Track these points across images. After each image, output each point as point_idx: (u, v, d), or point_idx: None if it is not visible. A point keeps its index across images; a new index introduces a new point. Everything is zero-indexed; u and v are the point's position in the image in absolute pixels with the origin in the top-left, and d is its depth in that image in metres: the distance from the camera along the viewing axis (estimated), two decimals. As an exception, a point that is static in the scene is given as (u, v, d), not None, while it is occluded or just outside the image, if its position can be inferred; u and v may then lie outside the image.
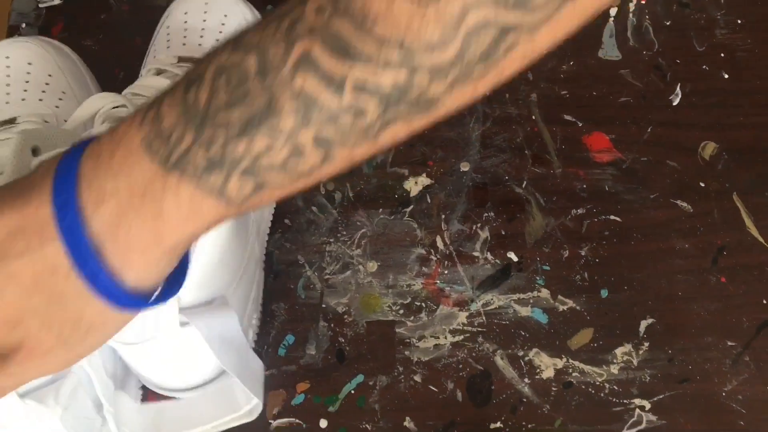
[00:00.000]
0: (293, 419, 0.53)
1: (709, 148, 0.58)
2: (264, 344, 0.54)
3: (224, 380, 0.49)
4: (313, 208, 0.58)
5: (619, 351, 0.53)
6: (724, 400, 0.52)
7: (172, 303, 0.42)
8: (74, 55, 0.60)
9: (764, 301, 0.54)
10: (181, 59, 0.54)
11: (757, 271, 0.55)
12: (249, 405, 0.48)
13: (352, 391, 0.53)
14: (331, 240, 0.57)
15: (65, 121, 0.54)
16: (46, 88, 0.56)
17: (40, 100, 0.55)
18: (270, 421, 0.52)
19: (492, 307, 0.55)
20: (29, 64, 0.57)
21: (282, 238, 0.57)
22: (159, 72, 0.52)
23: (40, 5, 0.65)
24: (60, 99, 0.56)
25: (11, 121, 0.52)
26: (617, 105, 0.60)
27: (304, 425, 0.52)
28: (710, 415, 0.52)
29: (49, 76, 0.56)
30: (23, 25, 0.65)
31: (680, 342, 0.53)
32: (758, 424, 0.51)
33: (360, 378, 0.53)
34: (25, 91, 0.55)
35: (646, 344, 0.53)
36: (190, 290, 0.42)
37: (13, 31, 0.64)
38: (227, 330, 0.45)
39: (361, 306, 0.55)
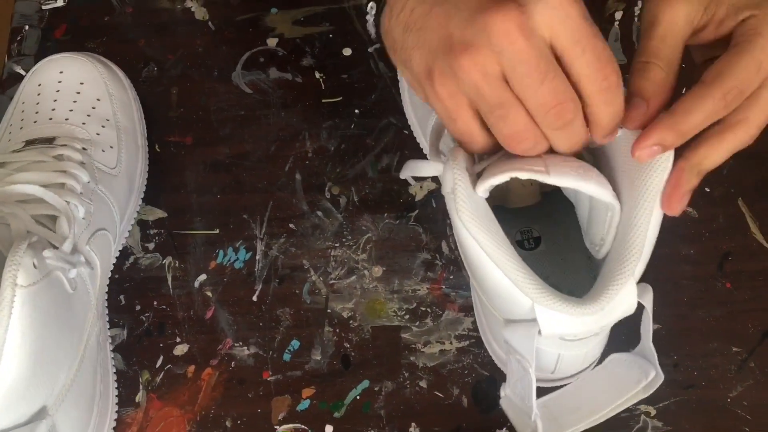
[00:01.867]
0: (298, 425, 0.53)
1: (714, 153, 0.58)
2: (269, 349, 0.54)
3: (609, 362, 0.48)
4: (318, 213, 0.58)
5: (624, 357, 0.53)
6: (729, 406, 0.52)
7: (633, 288, 0.40)
8: (126, 81, 0.59)
9: (769, 307, 0.54)
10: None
11: (762, 276, 0.55)
12: (646, 379, 0.46)
13: (358, 397, 0.53)
14: (336, 245, 0.57)
15: (102, 151, 0.53)
16: (91, 113, 0.55)
17: (83, 123, 0.54)
18: (275, 426, 0.52)
19: (497, 312, 0.55)
20: (81, 83, 0.56)
21: (287, 243, 0.57)
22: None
23: (44, 7, 0.65)
24: (102, 126, 0.55)
25: (50, 141, 0.52)
26: (622, 109, 0.60)
27: (309, 431, 0.52)
28: (715, 421, 0.52)
29: (98, 100, 0.56)
30: (26, 27, 0.64)
31: (685, 348, 0.53)
32: (763, 430, 0.51)
33: (365, 383, 0.53)
34: (71, 111, 0.54)
35: (652, 350, 0.53)
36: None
37: (15, 34, 0.64)
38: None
39: (367, 311, 0.55)
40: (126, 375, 0.54)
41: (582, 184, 0.39)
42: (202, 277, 0.56)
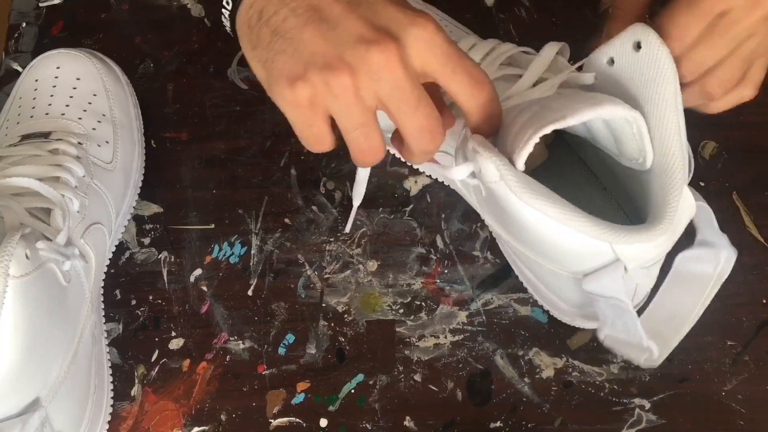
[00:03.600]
0: (293, 418, 0.53)
1: (708, 148, 0.59)
2: (264, 343, 0.54)
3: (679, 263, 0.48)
4: (313, 208, 0.58)
5: (618, 350, 0.53)
6: (724, 400, 0.52)
7: (688, 196, 0.42)
8: (123, 77, 0.60)
9: (764, 301, 0.54)
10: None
11: (756, 270, 0.55)
12: (720, 263, 0.47)
13: (352, 391, 0.53)
14: (331, 239, 0.57)
15: (98, 145, 0.54)
16: (87, 108, 0.55)
17: (80, 118, 0.54)
18: (270, 420, 0.53)
19: (492, 306, 0.55)
20: (78, 79, 0.56)
21: (282, 238, 0.57)
22: None
23: (41, 4, 0.65)
24: (99, 122, 0.55)
25: (45, 135, 0.52)
26: (617, 104, 0.60)
27: (304, 424, 0.52)
28: (710, 415, 0.52)
29: (94, 95, 0.56)
30: (23, 24, 0.64)
31: (680, 341, 0.53)
32: (758, 424, 0.51)
33: (360, 377, 0.53)
34: (67, 106, 0.55)
35: (646, 344, 0.53)
36: None
37: (13, 31, 0.64)
38: None
39: (361, 305, 0.55)
40: (121, 369, 0.54)
41: (599, 111, 0.40)
42: (198, 271, 0.57)
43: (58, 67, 0.56)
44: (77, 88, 0.56)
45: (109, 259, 0.56)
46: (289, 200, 0.58)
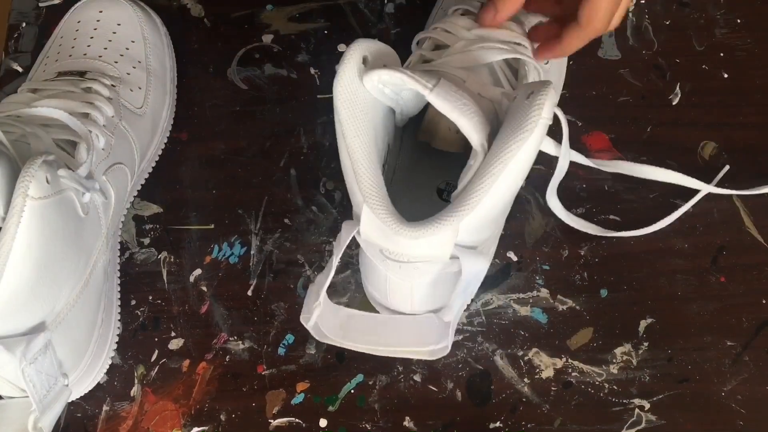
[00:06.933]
0: (293, 419, 0.53)
1: (708, 148, 0.59)
2: (264, 343, 0.54)
3: (425, 316, 0.48)
4: (313, 208, 0.58)
5: (618, 351, 0.53)
6: (724, 400, 0.52)
7: (451, 236, 0.40)
8: (163, 28, 0.61)
9: (764, 301, 0.54)
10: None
11: (756, 270, 0.55)
12: (437, 345, 0.46)
13: (352, 391, 0.53)
14: (331, 239, 0.57)
15: (130, 90, 0.55)
16: (124, 53, 0.57)
17: (115, 62, 0.56)
18: (270, 420, 0.53)
19: (491, 306, 0.55)
20: (118, 24, 0.58)
21: (282, 238, 0.57)
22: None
23: (40, 4, 0.65)
24: (134, 67, 0.56)
25: (81, 74, 0.53)
26: (617, 104, 0.60)
27: (303, 425, 0.52)
28: (710, 415, 0.52)
29: (132, 42, 0.57)
30: (23, 24, 0.65)
31: (679, 342, 0.53)
32: (757, 424, 0.51)
33: (360, 377, 0.53)
34: (105, 49, 0.56)
35: (646, 344, 0.53)
36: (466, 232, 0.41)
37: (13, 31, 0.64)
38: (476, 278, 0.44)
39: (361, 305, 0.55)
40: (121, 369, 0.54)
41: (455, 116, 0.38)
42: (197, 271, 0.57)
43: (101, 11, 0.58)
44: (117, 32, 0.57)
45: (130, 202, 0.57)
46: (289, 200, 0.58)
